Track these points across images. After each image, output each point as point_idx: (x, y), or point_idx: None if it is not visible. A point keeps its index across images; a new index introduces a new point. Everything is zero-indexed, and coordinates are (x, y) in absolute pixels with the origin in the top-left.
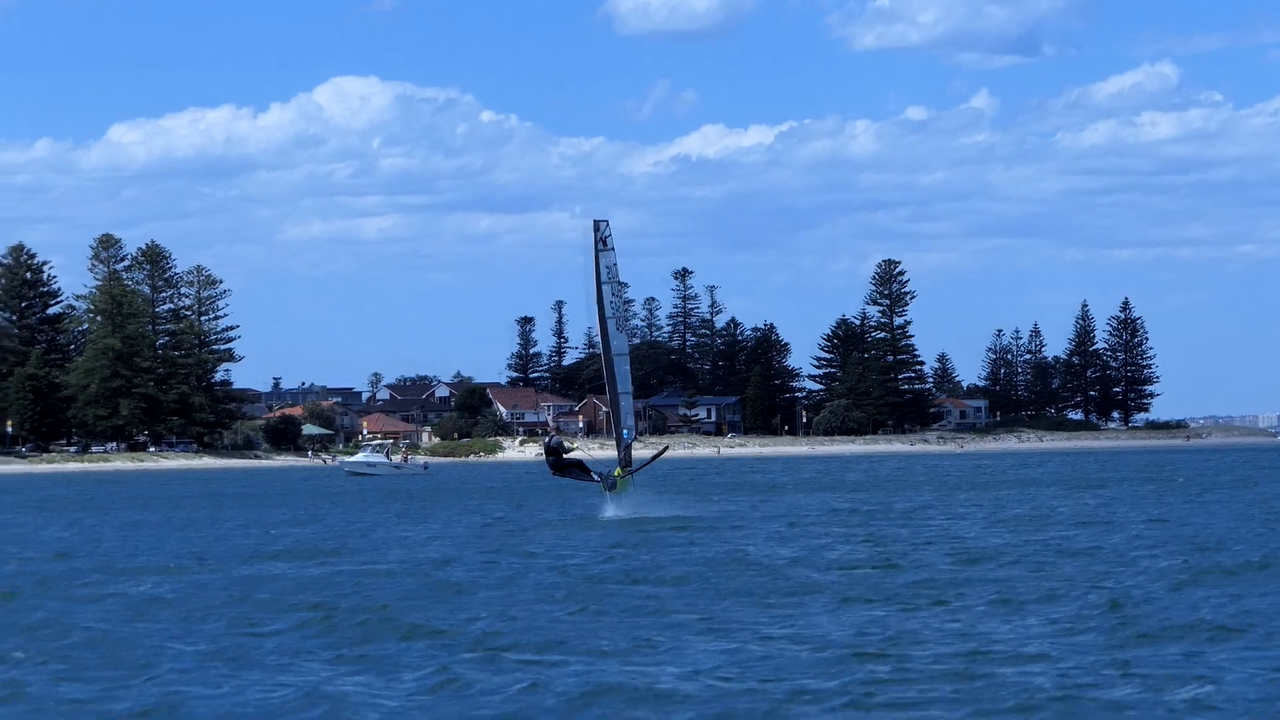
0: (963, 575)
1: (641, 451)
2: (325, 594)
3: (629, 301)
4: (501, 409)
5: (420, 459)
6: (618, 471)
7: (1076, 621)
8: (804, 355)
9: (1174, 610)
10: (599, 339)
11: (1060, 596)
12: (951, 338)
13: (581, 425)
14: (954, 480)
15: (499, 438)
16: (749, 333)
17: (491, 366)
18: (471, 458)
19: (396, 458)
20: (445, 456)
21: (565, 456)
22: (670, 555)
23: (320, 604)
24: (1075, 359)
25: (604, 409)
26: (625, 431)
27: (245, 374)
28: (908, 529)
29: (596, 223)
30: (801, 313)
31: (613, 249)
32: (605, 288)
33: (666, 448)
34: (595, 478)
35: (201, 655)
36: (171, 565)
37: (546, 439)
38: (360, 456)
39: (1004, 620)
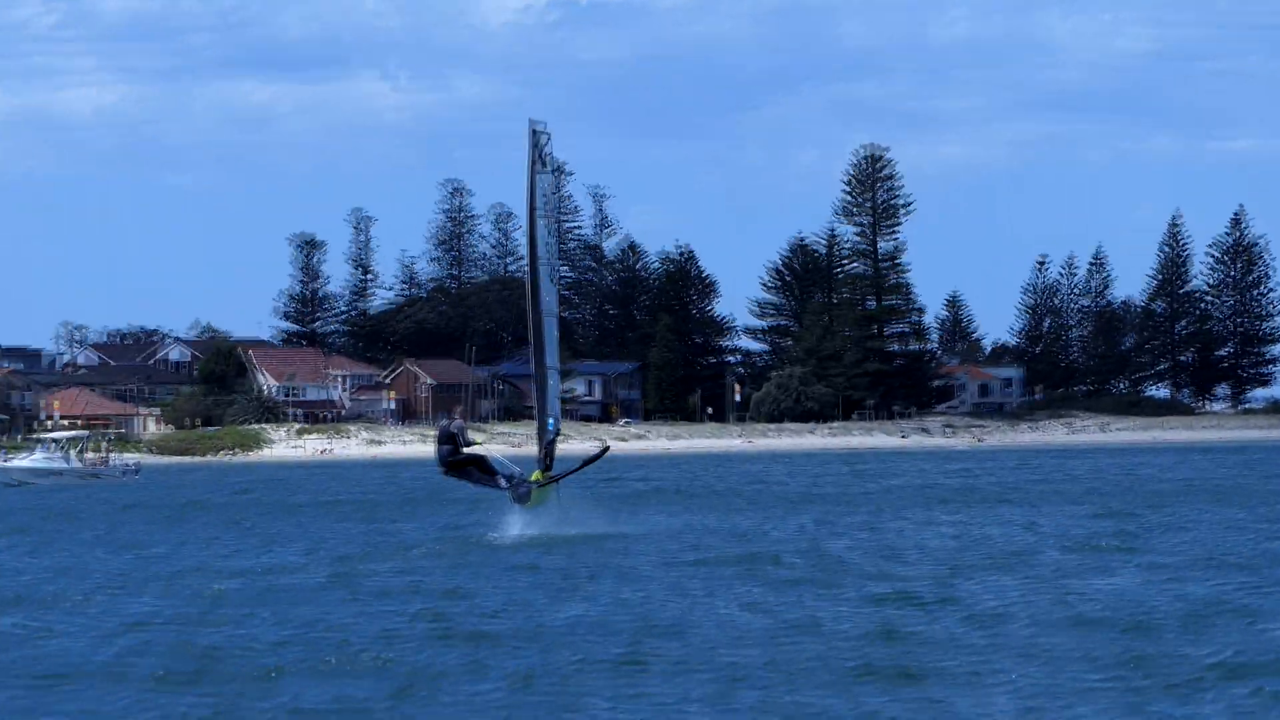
0: None
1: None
2: None
3: (472, 217)
4: (269, 379)
5: (130, 457)
6: (535, 475)
7: None
8: (742, 300)
9: None
10: (423, 275)
11: None
12: (970, 274)
13: (391, 405)
14: None
15: (264, 425)
16: (656, 265)
17: (254, 316)
18: (221, 455)
19: (90, 456)
20: (178, 455)
21: (464, 451)
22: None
23: None
24: (1158, 305)
25: (428, 379)
26: (550, 420)
27: None
28: None
29: (533, 127)
30: (743, 235)
31: (551, 169)
32: (540, 222)
33: (607, 448)
34: (502, 483)
35: None
36: None
37: (444, 423)
38: (35, 458)
39: None
